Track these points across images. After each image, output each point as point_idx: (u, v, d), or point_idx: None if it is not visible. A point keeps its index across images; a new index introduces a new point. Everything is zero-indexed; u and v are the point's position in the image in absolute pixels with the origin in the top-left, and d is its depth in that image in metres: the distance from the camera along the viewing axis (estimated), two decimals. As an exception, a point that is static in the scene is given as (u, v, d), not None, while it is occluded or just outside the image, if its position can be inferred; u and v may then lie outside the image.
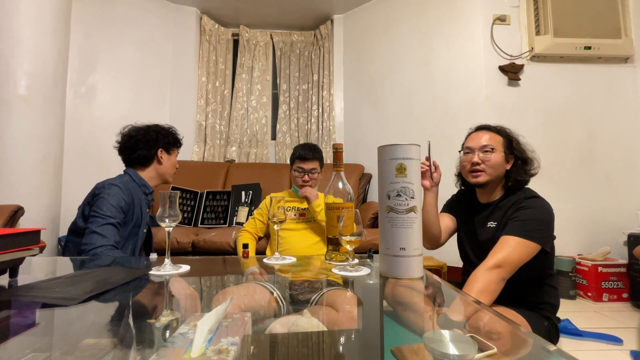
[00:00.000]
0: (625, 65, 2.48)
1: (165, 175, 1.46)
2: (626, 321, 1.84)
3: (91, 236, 1.14)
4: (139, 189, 1.36)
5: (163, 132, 1.44)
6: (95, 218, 1.17)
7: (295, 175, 1.69)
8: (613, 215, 2.39)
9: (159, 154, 1.41)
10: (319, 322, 0.51)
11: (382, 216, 0.75)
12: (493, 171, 1.12)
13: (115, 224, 1.19)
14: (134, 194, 1.31)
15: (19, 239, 0.71)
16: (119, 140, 1.40)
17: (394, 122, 2.99)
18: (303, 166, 1.67)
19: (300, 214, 1.69)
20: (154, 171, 1.42)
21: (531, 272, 1.03)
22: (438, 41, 2.71)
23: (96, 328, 0.48)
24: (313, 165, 1.68)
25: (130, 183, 1.33)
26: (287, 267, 0.89)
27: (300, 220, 1.68)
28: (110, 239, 1.15)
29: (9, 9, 1.76)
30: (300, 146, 1.72)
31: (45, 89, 1.86)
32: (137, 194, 1.33)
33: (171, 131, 1.48)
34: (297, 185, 1.70)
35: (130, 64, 3.03)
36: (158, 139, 1.41)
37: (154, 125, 1.44)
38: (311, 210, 1.64)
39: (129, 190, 1.28)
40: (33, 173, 1.82)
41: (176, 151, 1.50)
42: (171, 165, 1.47)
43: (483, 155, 1.12)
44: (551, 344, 0.42)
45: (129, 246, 1.30)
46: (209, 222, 2.67)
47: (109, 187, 1.23)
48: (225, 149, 3.42)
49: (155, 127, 1.44)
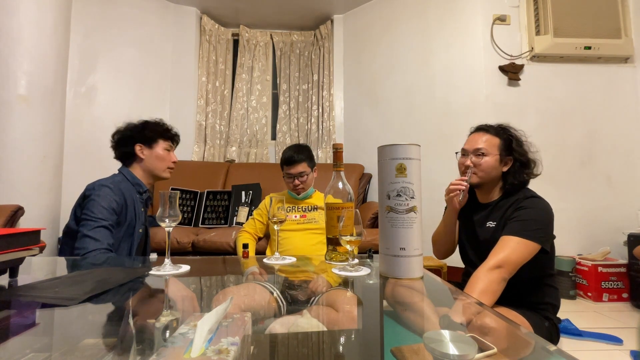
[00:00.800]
0: (625, 65, 2.48)
1: (153, 171, 1.38)
2: (626, 321, 1.84)
3: (83, 240, 1.11)
4: (132, 188, 1.32)
5: (139, 127, 1.36)
6: (87, 221, 1.13)
7: (287, 181, 1.69)
8: (613, 215, 2.39)
9: (136, 150, 1.34)
10: (319, 323, 0.51)
11: (382, 216, 0.75)
12: (484, 174, 1.14)
13: (108, 227, 1.15)
14: (127, 194, 1.28)
15: (19, 239, 0.71)
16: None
17: (394, 122, 2.99)
18: (290, 171, 1.65)
19: (301, 215, 1.68)
20: (140, 169, 1.36)
21: (531, 272, 1.03)
22: (438, 41, 2.71)
23: (96, 328, 0.48)
24: (301, 168, 1.65)
25: (123, 183, 1.30)
26: (287, 267, 0.89)
27: (300, 221, 1.67)
28: (104, 242, 1.12)
29: (9, 8, 1.76)
30: (286, 150, 1.70)
31: (45, 89, 1.86)
32: (130, 194, 1.29)
33: (150, 123, 1.38)
34: (290, 190, 1.70)
35: (130, 64, 3.03)
36: (133, 135, 1.35)
37: (138, 121, 1.38)
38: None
39: (120, 191, 1.25)
40: (33, 173, 1.82)
41: (163, 143, 1.38)
42: (156, 159, 1.37)
43: (475, 158, 1.14)
44: (551, 344, 0.42)
45: (125, 247, 1.26)
46: (209, 222, 2.67)
47: (99, 189, 1.20)
48: (225, 149, 3.42)
49: (134, 123, 1.38)
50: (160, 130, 1.39)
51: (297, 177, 1.65)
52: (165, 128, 1.41)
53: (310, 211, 1.70)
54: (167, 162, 1.40)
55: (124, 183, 1.30)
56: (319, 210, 1.71)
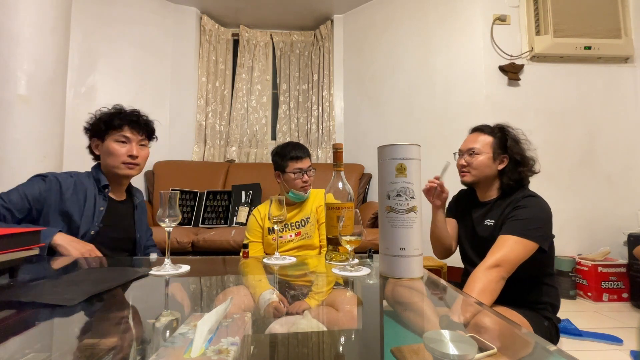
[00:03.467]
0: (625, 65, 2.48)
1: (109, 170, 1.17)
2: (626, 321, 1.84)
3: None
4: (93, 184, 1.17)
5: (95, 117, 1.21)
6: None
7: (294, 177, 1.51)
8: (613, 215, 2.39)
9: (92, 146, 1.20)
10: (319, 323, 0.51)
11: (382, 216, 0.75)
12: (477, 172, 1.17)
13: (9, 209, 1.03)
14: (88, 191, 1.14)
15: (19, 239, 0.71)
16: None
17: (394, 122, 2.99)
18: (301, 166, 1.51)
19: (296, 234, 1.52)
20: (103, 167, 1.20)
21: (530, 271, 1.04)
22: (438, 41, 2.71)
23: (96, 328, 0.48)
24: (309, 162, 1.54)
25: (86, 178, 1.17)
26: (287, 267, 0.89)
27: (296, 240, 1.51)
28: None
29: (9, 9, 1.76)
30: (288, 148, 1.54)
31: (45, 89, 1.86)
32: (91, 190, 1.15)
33: (104, 113, 1.21)
34: (297, 188, 1.52)
35: (130, 64, 3.03)
36: (89, 127, 1.20)
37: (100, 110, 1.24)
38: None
39: (74, 184, 1.13)
40: (33, 173, 1.80)
41: (113, 134, 1.16)
42: (106, 155, 1.16)
43: (468, 158, 1.19)
44: (551, 344, 0.42)
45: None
46: (209, 222, 2.67)
47: (41, 176, 1.12)
48: (225, 149, 3.42)
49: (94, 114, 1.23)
50: (107, 118, 1.16)
51: (306, 171, 1.52)
52: (112, 113, 1.17)
53: (303, 226, 1.54)
54: (119, 156, 1.15)
55: (86, 178, 1.17)
56: (311, 221, 1.54)
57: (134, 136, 1.18)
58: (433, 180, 1.22)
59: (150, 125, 1.26)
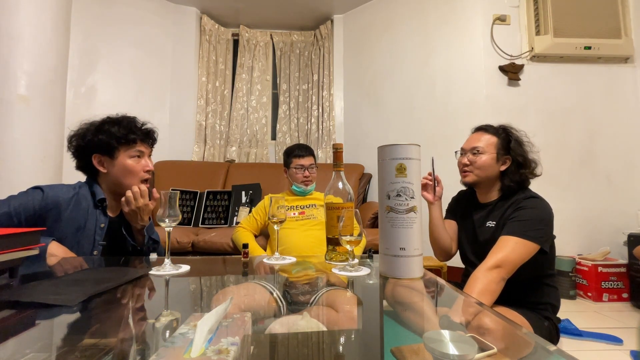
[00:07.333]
0: (625, 65, 2.48)
1: (122, 185, 1.06)
2: (626, 321, 1.84)
3: None
4: (90, 200, 1.06)
5: (92, 129, 1.07)
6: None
7: (296, 172, 1.77)
8: (613, 215, 2.39)
9: (94, 162, 1.06)
10: (319, 323, 0.51)
11: (382, 216, 0.75)
12: (480, 172, 1.15)
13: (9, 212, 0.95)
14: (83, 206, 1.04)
15: (19, 239, 0.71)
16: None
17: (394, 122, 2.99)
18: (303, 163, 1.76)
19: (300, 212, 1.73)
20: (105, 185, 1.09)
21: (531, 272, 1.03)
22: (438, 41, 2.71)
23: (96, 328, 0.48)
24: (311, 160, 1.78)
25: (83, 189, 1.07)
26: (287, 267, 0.89)
27: (299, 218, 1.71)
28: None
29: (9, 8, 1.76)
30: (293, 147, 1.81)
31: (45, 89, 1.86)
32: (92, 209, 1.06)
33: (108, 123, 1.08)
34: (299, 181, 1.77)
35: (130, 64, 3.03)
36: (88, 143, 1.06)
37: (96, 121, 1.09)
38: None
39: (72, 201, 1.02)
40: (33, 173, 1.81)
41: (128, 150, 1.06)
42: (122, 173, 1.06)
43: (472, 157, 1.17)
44: (551, 344, 0.42)
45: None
46: (209, 222, 2.67)
47: (41, 188, 1.01)
48: (225, 149, 3.42)
49: (89, 123, 1.10)
50: (120, 134, 1.05)
51: (307, 168, 1.76)
52: (127, 127, 1.07)
53: (308, 208, 1.75)
54: (138, 173, 1.07)
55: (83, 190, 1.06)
56: (318, 207, 1.75)
57: (146, 149, 1.12)
58: (427, 177, 1.24)
59: (156, 134, 1.19)
